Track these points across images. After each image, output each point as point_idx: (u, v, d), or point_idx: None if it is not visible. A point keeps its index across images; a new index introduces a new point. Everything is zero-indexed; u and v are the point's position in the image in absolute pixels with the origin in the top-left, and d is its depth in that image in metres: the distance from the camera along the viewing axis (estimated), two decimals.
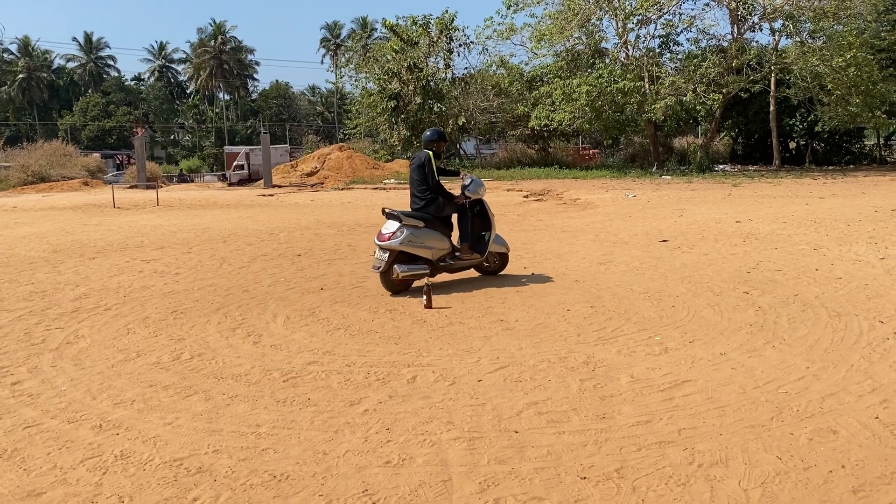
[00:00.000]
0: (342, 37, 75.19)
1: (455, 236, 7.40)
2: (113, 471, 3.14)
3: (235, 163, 36.15)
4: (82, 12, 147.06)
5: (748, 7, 28.02)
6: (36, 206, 20.40)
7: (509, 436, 3.42)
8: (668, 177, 26.33)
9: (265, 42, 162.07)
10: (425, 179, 7.10)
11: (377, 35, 58.91)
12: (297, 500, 2.85)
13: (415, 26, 33.59)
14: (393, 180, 29.55)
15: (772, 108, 30.16)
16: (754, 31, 30.44)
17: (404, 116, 32.98)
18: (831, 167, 31.28)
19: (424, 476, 3.02)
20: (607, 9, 29.11)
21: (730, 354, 4.64)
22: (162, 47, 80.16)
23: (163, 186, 30.06)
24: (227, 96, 78.35)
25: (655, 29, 29.91)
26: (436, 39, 33.42)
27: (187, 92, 79.91)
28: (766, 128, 31.77)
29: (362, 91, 36.90)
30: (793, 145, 35.40)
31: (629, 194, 18.70)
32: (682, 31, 30.56)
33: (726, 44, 29.05)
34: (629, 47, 29.86)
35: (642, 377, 4.23)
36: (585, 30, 30.09)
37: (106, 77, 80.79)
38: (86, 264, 9.11)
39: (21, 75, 72.32)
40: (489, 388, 4.09)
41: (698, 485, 2.89)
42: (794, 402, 3.78)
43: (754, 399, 3.82)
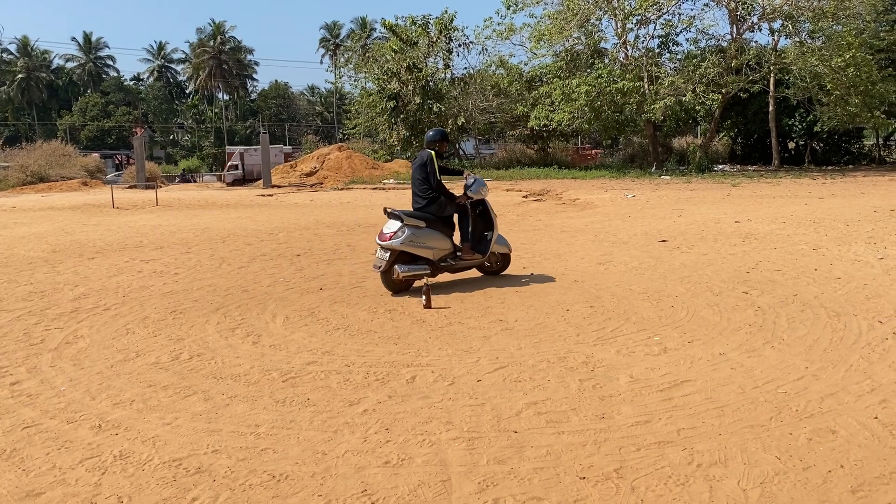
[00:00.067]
0: (341, 37, 75.20)
1: (457, 236, 7.40)
2: (112, 471, 3.14)
3: (230, 163, 36.15)
4: (82, 12, 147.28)
5: (747, 7, 28.05)
6: (35, 207, 20.38)
7: (508, 436, 3.42)
8: (668, 177, 26.34)
9: (264, 42, 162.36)
10: (427, 179, 7.09)
11: (376, 35, 58.99)
12: (297, 501, 2.84)
13: (414, 26, 33.58)
14: (392, 180, 29.55)
15: (771, 109, 30.18)
16: (753, 32, 30.53)
17: (403, 116, 32.98)
18: (830, 167, 31.31)
19: (423, 476, 3.02)
20: (606, 9, 29.14)
21: (729, 354, 4.65)
22: (161, 47, 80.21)
23: (162, 186, 30.04)
24: (226, 96, 78.36)
25: (654, 29, 30.00)
26: (435, 39, 33.41)
27: (186, 92, 79.91)
28: (766, 128, 31.80)
29: (361, 91, 36.89)
30: (792, 145, 35.42)
31: (628, 194, 18.70)
32: (681, 32, 30.63)
33: (725, 44, 29.08)
34: (628, 47, 29.89)
35: (641, 377, 4.23)
36: (584, 30, 30.13)
37: (105, 77, 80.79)
38: (85, 264, 9.11)
39: (20, 75, 72.31)
40: (488, 388, 4.09)
41: (697, 485, 2.89)
42: (793, 402, 3.78)
43: (753, 399, 3.83)
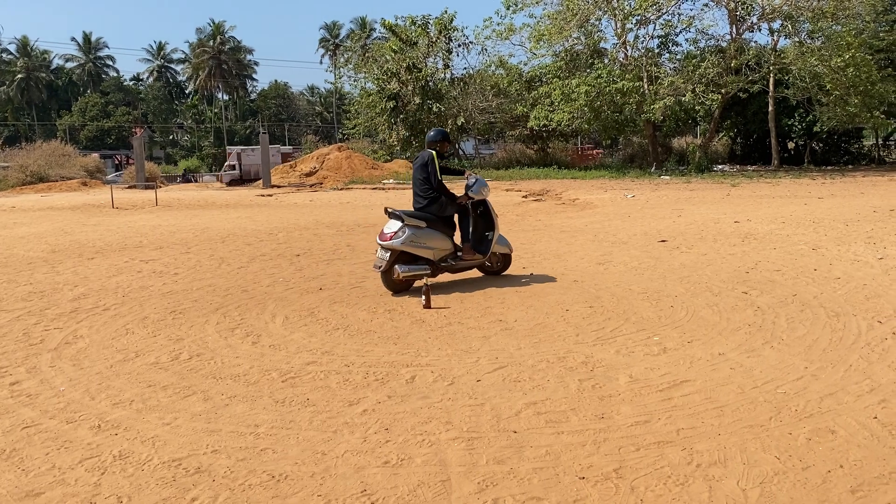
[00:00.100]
0: (341, 37, 75.17)
1: (458, 236, 7.40)
2: (111, 471, 3.14)
3: (227, 163, 36.14)
4: (81, 12, 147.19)
5: (747, 7, 28.04)
6: (34, 207, 20.38)
7: (508, 436, 3.42)
8: (667, 177, 26.34)
9: (264, 42, 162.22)
10: (428, 179, 7.09)
11: (376, 35, 58.99)
12: (296, 501, 2.84)
13: (414, 26, 33.57)
14: (392, 180, 29.54)
15: (770, 109, 30.18)
16: (753, 32, 30.50)
17: (403, 117, 32.97)
18: (830, 167, 31.30)
19: (423, 476, 3.02)
20: (606, 9, 29.14)
21: (728, 354, 4.65)
22: (161, 47, 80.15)
23: (161, 186, 30.04)
24: (225, 96, 78.32)
25: (654, 29, 29.99)
26: (435, 40, 33.41)
27: (186, 92, 79.85)
28: (765, 128, 31.79)
29: (361, 91, 36.89)
30: (791, 145, 35.41)
31: (628, 194, 18.70)
32: (680, 32, 30.61)
33: (725, 44, 29.08)
34: (628, 47, 29.89)
35: (641, 377, 4.23)
36: (584, 30, 30.13)
37: (105, 77, 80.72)
38: (84, 264, 9.11)
39: (20, 75, 72.25)
40: (488, 389, 4.09)
41: (697, 485, 2.89)
42: (792, 402, 3.78)
43: (753, 399, 3.83)
